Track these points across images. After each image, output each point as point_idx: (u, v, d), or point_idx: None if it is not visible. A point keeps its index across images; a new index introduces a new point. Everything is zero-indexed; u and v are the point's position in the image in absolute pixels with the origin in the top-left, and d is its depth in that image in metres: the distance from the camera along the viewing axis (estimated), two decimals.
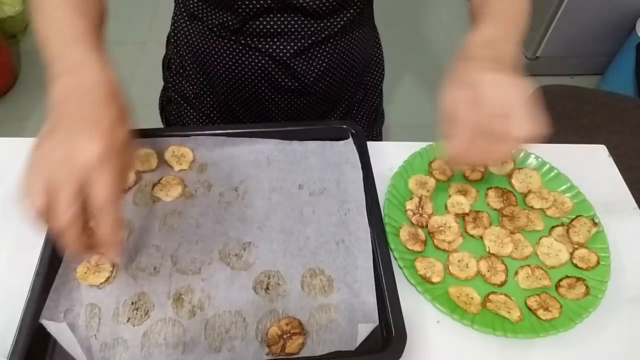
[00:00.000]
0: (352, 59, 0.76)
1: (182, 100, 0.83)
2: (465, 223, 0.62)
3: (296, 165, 0.64)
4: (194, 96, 0.81)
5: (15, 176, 0.62)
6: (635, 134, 1.23)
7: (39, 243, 0.53)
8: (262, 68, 0.72)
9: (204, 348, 0.49)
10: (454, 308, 0.54)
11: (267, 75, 0.72)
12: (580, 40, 1.93)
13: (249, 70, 0.73)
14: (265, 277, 0.54)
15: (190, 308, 0.51)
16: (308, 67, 0.72)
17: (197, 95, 0.81)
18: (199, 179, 0.62)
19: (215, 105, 0.81)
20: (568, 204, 0.64)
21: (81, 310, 0.50)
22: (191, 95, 0.82)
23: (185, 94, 0.82)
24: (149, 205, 0.59)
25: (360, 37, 0.76)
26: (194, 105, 0.82)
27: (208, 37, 0.72)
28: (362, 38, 0.77)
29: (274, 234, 0.57)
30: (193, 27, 0.73)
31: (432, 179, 0.65)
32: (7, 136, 0.68)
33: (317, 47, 0.71)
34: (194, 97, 0.82)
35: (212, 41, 0.72)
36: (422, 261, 0.57)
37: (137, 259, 0.54)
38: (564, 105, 1.29)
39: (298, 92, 0.75)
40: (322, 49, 0.71)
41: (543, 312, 0.54)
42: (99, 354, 0.48)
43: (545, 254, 0.59)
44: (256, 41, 0.69)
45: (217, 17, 0.69)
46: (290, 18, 0.67)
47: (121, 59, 2.08)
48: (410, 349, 0.48)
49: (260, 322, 0.51)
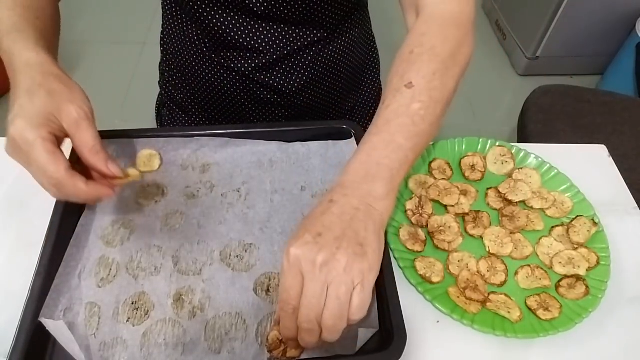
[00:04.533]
0: (338, 68, 0.73)
1: (173, 105, 0.82)
2: (465, 223, 0.62)
3: (298, 167, 0.64)
4: (182, 102, 0.81)
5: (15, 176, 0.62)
6: (635, 134, 1.23)
7: (39, 243, 0.53)
8: (238, 83, 0.70)
9: (204, 349, 0.49)
10: (454, 308, 0.54)
11: (245, 90, 0.70)
12: (580, 40, 1.93)
13: (227, 86, 0.71)
14: (266, 279, 0.54)
15: (191, 309, 0.51)
16: (285, 79, 0.69)
17: (185, 102, 0.80)
18: (202, 179, 0.62)
19: (201, 113, 0.80)
20: (568, 204, 0.64)
21: (81, 309, 0.50)
22: (179, 100, 0.81)
23: (176, 98, 0.81)
24: (150, 205, 0.59)
25: (347, 44, 0.72)
26: (184, 109, 0.82)
27: (189, 49, 0.71)
28: (350, 45, 0.73)
29: (276, 235, 0.57)
30: (177, 37, 0.72)
31: (432, 179, 0.65)
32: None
33: (290, 59, 0.68)
34: (183, 102, 0.81)
35: (193, 53, 0.71)
36: (422, 261, 0.57)
37: (138, 259, 0.54)
38: (564, 105, 1.29)
39: (279, 105, 0.72)
40: (298, 60, 0.68)
41: (543, 312, 0.54)
42: (98, 353, 0.48)
43: (545, 254, 0.59)
44: (227, 57, 0.67)
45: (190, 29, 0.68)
46: (257, 31, 0.65)
47: (121, 59, 2.09)
48: (410, 349, 0.48)
49: (261, 324, 0.51)
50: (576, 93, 1.34)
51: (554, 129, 1.24)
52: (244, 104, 0.73)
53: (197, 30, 0.68)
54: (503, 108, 1.98)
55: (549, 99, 1.30)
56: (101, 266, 0.53)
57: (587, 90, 1.38)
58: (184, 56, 0.72)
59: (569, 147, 0.74)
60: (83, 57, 2.06)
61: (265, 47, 0.66)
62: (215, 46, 0.68)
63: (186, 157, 0.64)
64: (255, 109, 0.74)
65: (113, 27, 2.23)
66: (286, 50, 0.67)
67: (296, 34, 0.66)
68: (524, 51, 2.03)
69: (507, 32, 2.15)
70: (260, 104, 0.73)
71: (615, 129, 1.24)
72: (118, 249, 0.55)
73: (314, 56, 0.69)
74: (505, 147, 0.68)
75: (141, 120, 0.89)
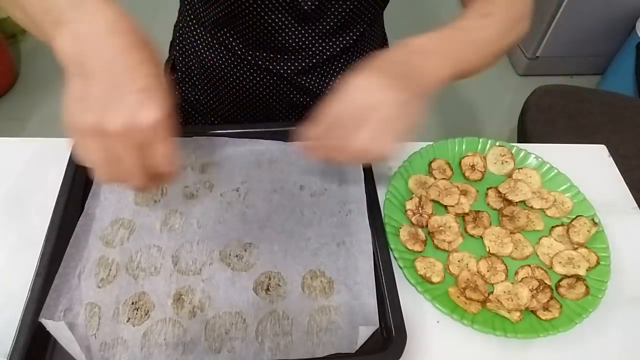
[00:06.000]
0: None
1: (187, 105, 0.82)
2: (465, 223, 0.62)
3: (297, 166, 0.64)
4: (197, 102, 0.80)
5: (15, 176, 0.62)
6: (635, 134, 1.23)
7: (39, 243, 0.53)
8: (272, 85, 0.70)
9: (204, 349, 0.49)
10: (454, 308, 0.54)
11: (278, 91, 0.71)
12: (580, 40, 1.93)
13: (259, 87, 0.71)
14: (266, 278, 0.54)
15: (191, 308, 0.51)
16: (320, 83, 0.70)
17: (200, 102, 0.80)
18: (201, 179, 0.62)
19: (220, 113, 0.80)
20: (568, 204, 0.64)
21: (81, 310, 0.50)
22: (194, 101, 0.81)
23: (190, 99, 0.81)
24: (149, 205, 0.59)
25: (372, 50, 0.73)
26: (198, 110, 0.81)
27: (218, 51, 0.70)
28: (375, 50, 0.74)
29: (275, 235, 0.57)
30: (202, 38, 0.72)
31: (432, 179, 0.65)
32: (7, 136, 0.68)
33: (329, 63, 0.69)
34: (198, 103, 0.80)
35: (222, 55, 0.70)
36: (422, 261, 0.57)
37: (138, 259, 0.54)
38: (564, 105, 1.29)
39: (309, 107, 0.72)
40: (334, 64, 0.70)
41: (543, 312, 0.54)
42: (98, 353, 0.48)
43: (545, 254, 0.59)
44: (265, 58, 0.68)
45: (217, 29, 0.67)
46: (300, 34, 0.66)
47: None
48: (410, 349, 0.48)
49: (261, 323, 0.51)
50: (576, 93, 1.34)
51: (554, 129, 1.24)
52: (272, 104, 0.73)
53: (227, 31, 0.67)
54: (503, 108, 1.98)
55: (549, 99, 1.31)
56: (101, 266, 0.53)
57: (587, 90, 1.39)
58: (212, 59, 0.72)
59: (569, 147, 0.74)
60: None
61: (309, 51, 0.67)
62: (251, 47, 0.68)
63: (185, 157, 0.64)
64: (284, 109, 0.74)
65: None
66: (326, 55, 0.68)
67: (335, 37, 0.67)
68: (524, 51, 2.03)
69: None
70: (291, 106, 0.73)
71: (615, 129, 1.24)
72: (117, 249, 0.55)
73: (348, 60, 0.70)
74: (505, 147, 0.68)
75: None
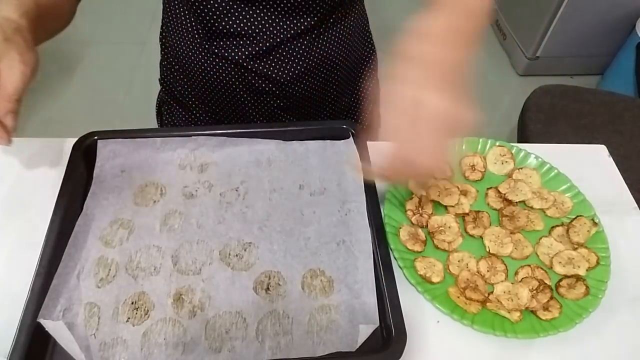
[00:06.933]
0: (333, 59, 0.73)
1: (173, 102, 0.83)
2: (465, 223, 0.62)
3: (297, 166, 0.64)
4: (181, 97, 0.81)
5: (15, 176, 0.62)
6: (635, 134, 1.23)
7: (39, 243, 0.53)
8: (233, 71, 0.70)
9: (204, 348, 0.49)
10: (454, 308, 0.54)
11: (240, 78, 0.71)
12: (580, 40, 1.93)
13: (222, 73, 0.71)
14: (266, 278, 0.54)
15: (191, 308, 0.51)
16: (280, 68, 0.70)
17: (184, 96, 0.80)
18: (200, 179, 0.62)
19: (200, 106, 0.80)
20: (568, 204, 0.64)
21: (80, 310, 0.50)
22: (179, 96, 0.81)
23: (175, 95, 0.81)
24: (149, 205, 0.59)
25: (341, 35, 0.72)
26: (183, 105, 0.82)
27: (186, 40, 0.71)
28: (345, 37, 0.73)
29: (275, 234, 0.57)
30: (174, 28, 0.73)
31: (432, 179, 0.65)
32: None
33: (285, 46, 0.68)
34: (182, 97, 0.81)
35: (189, 44, 0.71)
36: (422, 261, 0.57)
37: (137, 259, 0.54)
38: (564, 105, 1.29)
39: (275, 95, 0.73)
40: (291, 48, 0.68)
41: (543, 312, 0.54)
42: (98, 353, 0.48)
43: (545, 254, 0.59)
44: (218, 44, 0.68)
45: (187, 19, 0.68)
46: (245, 17, 0.65)
47: (121, 59, 2.09)
48: (410, 349, 0.48)
49: (261, 322, 0.51)
50: (576, 93, 1.34)
51: (554, 129, 1.24)
52: (239, 94, 0.73)
53: (193, 19, 0.68)
54: (503, 108, 1.98)
55: (549, 99, 1.31)
56: (100, 266, 0.53)
57: (587, 90, 1.39)
58: (182, 48, 0.73)
59: (569, 147, 0.74)
60: (83, 57, 2.06)
61: (259, 34, 0.67)
62: (209, 34, 0.68)
63: (184, 157, 0.64)
64: (251, 99, 0.74)
65: (113, 27, 2.23)
66: (279, 38, 0.67)
67: (289, 21, 0.66)
68: (524, 51, 2.03)
69: (507, 32, 2.15)
70: (256, 94, 0.73)
71: (615, 129, 1.24)
72: (117, 249, 0.55)
73: (308, 45, 0.69)
74: (505, 147, 0.68)
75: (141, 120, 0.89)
